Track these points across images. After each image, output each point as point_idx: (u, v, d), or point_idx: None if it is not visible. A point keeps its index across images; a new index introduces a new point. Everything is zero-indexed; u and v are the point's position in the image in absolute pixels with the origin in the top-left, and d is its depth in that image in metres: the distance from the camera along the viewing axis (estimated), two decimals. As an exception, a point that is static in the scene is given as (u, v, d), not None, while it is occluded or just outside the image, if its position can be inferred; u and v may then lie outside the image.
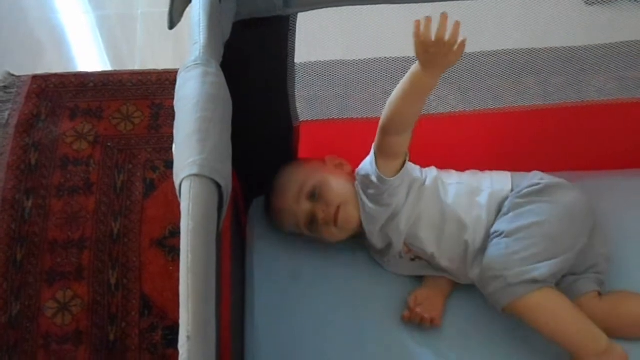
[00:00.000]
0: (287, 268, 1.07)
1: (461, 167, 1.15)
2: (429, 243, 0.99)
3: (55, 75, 1.55)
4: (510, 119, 1.07)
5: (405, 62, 1.02)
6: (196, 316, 0.58)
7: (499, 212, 0.99)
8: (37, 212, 1.34)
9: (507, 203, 0.98)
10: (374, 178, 0.97)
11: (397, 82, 1.05)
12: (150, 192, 1.38)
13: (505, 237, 0.94)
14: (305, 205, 1.00)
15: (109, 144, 1.44)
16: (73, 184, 1.39)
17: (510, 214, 0.97)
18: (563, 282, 0.98)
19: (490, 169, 1.12)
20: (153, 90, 1.51)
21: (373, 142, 1.10)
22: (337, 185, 1.01)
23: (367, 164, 0.99)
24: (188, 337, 0.57)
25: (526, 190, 0.98)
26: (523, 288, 0.90)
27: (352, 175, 1.04)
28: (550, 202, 0.97)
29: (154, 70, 1.56)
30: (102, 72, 1.59)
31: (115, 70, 1.60)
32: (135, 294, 1.26)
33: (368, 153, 1.11)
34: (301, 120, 1.03)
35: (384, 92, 1.06)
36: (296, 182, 1.02)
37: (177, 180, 0.63)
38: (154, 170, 1.41)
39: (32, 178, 1.39)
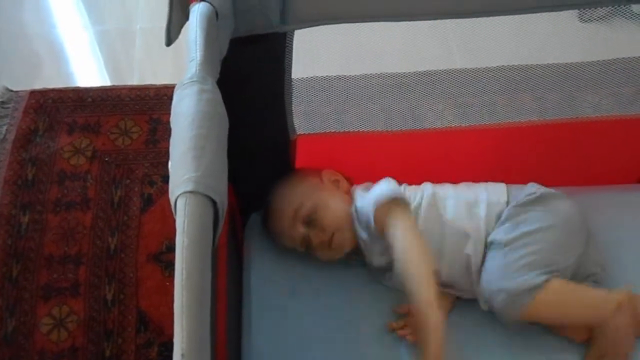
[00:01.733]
0: (285, 284, 1.06)
1: (457, 181, 1.16)
2: None
3: (54, 90, 1.55)
4: (506, 134, 1.07)
5: (402, 78, 1.03)
6: (190, 334, 0.57)
7: (497, 222, 0.99)
8: (33, 227, 1.34)
9: (504, 213, 0.99)
10: (371, 227, 0.98)
11: (394, 97, 1.06)
12: (147, 207, 1.38)
13: (503, 247, 0.94)
14: (300, 230, 1.02)
15: (106, 159, 1.45)
16: (70, 199, 1.39)
17: (507, 224, 0.97)
18: None
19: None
20: (151, 105, 1.52)
21: (369, 153, 1.10)
22: (332, 211, 1.01)
23: (367, 210, 0.98)
24: (182, 355, 0.57)
25: (523, 199, 0.99)
26: (527, 295, 0.90)
27: (348, 194, 1.04)
28: (546, 210, 0.97)
29: (152, 85, 1.57)
30: (101, 87, 1.59)
31: (113, 85, 1.60)
32: (132, 309, 1.25)
33: (365, 165, 1.12)
34: (298, 133, 1.03)
35: (381, 108, 1.07)
36: (291, 205, 1.02)
37: (172, 197, 0.63)
38: (152, 185, 1.41)
39: (28, 193, 1.39)
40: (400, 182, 1.05)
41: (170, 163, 0.65)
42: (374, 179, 1.12)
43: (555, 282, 0.91)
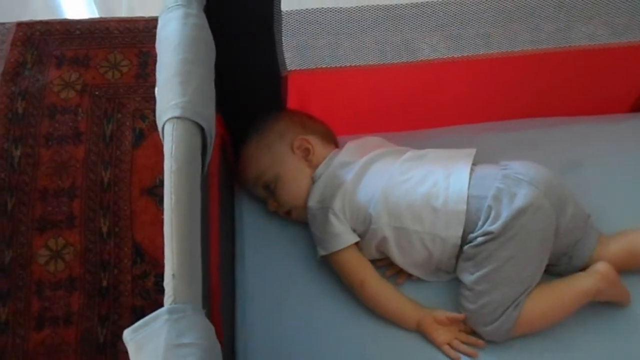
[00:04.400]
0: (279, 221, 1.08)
1: (453, 114, 1.16)
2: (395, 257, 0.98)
3: (41, 22, 1.52)
4: (500, 64, 1.07)
5: (396, 9, 1.01)
6: (181, 255, 0.59)
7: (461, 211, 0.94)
8: (26, 161, 1.35)
9: (465, 251, 0.93)
10: None
11: (388, 29, 1.04)
12: (139, 142, 1.38)
13: (468, 290, 0.93)
14: (261, 192, 1.05)
15: (96, 93, 1.43)
16: (61, 133, 1.38)
17: (469, 262, 0.93)
18: (561, 263, 0.97)
19: (484, 115, 1.12)
20: (140, 38, 1.50)
21: (364, 90, 1.10)
22: (291, 188, 1.01)
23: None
24: (173, 275, 0.58)
25: (480, 239, 0.91)
26: (510, 318, 0.90)
27: (312, 169, 1.03)
28: (505, 240, 0.90)
29: (142, 17, 1.54)
30: (89, 19, 1.56)
31: (102, 18, 1.57)
32: (127, 241, 1.27)
33: (358, 102, 1.12)
34: (289, 69, 1.02)
35: (374, 41, 1.06)
36: (254, 170, 1.03)
37: (159, 123, 0.64)
38: (143, 120, 1.40)
39: (20, 127, 1.39)
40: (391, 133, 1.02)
41: (156, 88, 0.65)
42: (367, 117, 1.13)
43: (529, 303, 0.90)
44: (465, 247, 0.93)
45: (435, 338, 0.93)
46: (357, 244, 0.97)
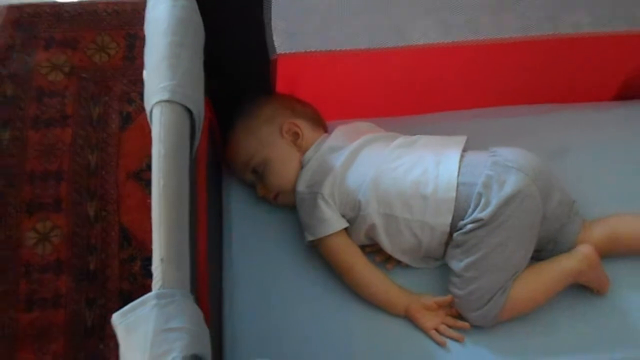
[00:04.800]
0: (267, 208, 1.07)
1: (443, 100, 1.16)
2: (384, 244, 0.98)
3: (30, 5, 1.50)
4: (489, 51, 1.07)
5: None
6: (169, 240, 0.59)
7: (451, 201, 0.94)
8: (14, 144, 1.33)
9: (455, 237, 0.93)
10: None
11: (378, 13, 1.03)
12: (126, 125, 1.37)
13: (457, 276, 0.93)
14: (249, 176, 1.04)
15: (84, 76, 1.42)
16: (49, 116, 1.37)
17: (458, 250, 0.93)
18: (546, 249, 0.98)
19: (473, 101, 1.12)
20: (128, 20, 1.48)
21: (353, 75, 1.09)
22: (279, 172, 1.01)
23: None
24: (161, 260, 0.58)
25: (470, 225, 0.92)
26: (497, 304, 0.91)
27: (301, 152, 1.02)
28: (494, 226, 0.91)
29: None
30: (77, 1, 1.54)
31: (90, 0, 1.55)
32: (114, 226, 1.27)
33: (347, 87, 1.11)
34: (279, 53, 1.01)
35: (364, 25, 1.05)
36: (245, 151, 1.02)
37: (147, 106, 0.63)
38: (130, 103, 1.39)
39: (8, 109, 1.37)
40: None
41: (145, 71, 0.65)
42: (356, 103, 1.13)
43: (515, 287, 0.91)
44: (455, 234, 0.94)
45: (423, 323, 0.94)
46: (346, 229, 0.98)
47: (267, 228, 1.05)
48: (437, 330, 0.94)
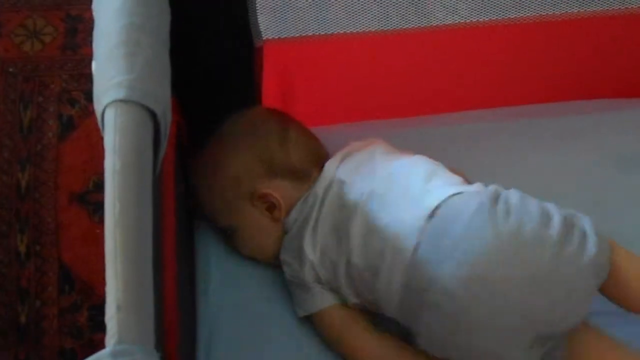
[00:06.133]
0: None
1: (474, 95, 1.19)
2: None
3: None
4: (538, 32, 1.08)
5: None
6: (127, 280, 0.59)
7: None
8: None
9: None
10: None
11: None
12: (67, 133, 1.38)
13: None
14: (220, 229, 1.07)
15: (11, 70, 1.44)
16: (-35, 122, 1.38)
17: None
18: None
19: (515, 97, 1.16)
20: (68, -2, 1.50)
21: (360, 65, 1.10)
22: (253, 244, 1.05)
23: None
24: (118, 308, 0.58)
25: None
26: None
27: (280, 222, 1.02)
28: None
29: (70, -30, 1.54)
30: (0, -27, 1.57)
31: (17, -28, 1.58)
32: (52, 264, 1.27)
33: (353, 81, 1.12)
34: (265, 38, 1.02)
35: (375, 0, 1.06)
36: (209, 209, 1.05)
37: (98, 108, 0.64)
38: (72, 104, 1.41)
39: None
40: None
41: (94, 63, 0.65)
42: (364, 100, 1.14)
43: None
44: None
45: None
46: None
47: (253, 267, 1.06)
48: None
